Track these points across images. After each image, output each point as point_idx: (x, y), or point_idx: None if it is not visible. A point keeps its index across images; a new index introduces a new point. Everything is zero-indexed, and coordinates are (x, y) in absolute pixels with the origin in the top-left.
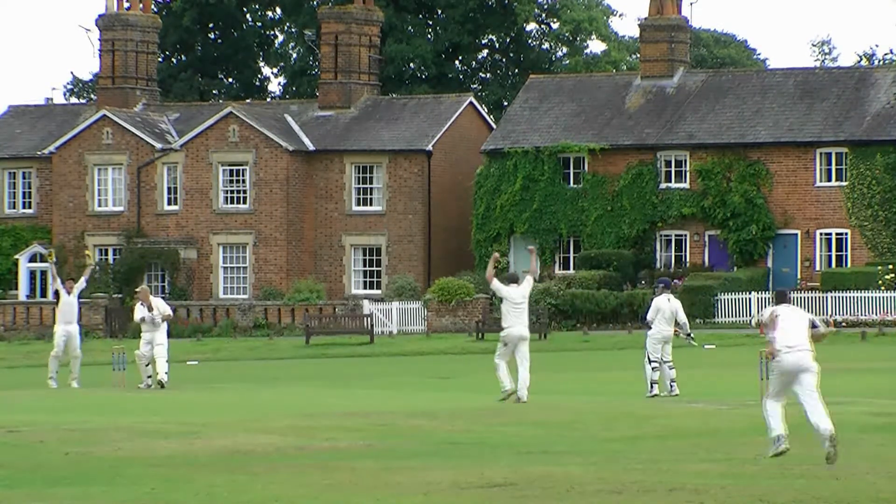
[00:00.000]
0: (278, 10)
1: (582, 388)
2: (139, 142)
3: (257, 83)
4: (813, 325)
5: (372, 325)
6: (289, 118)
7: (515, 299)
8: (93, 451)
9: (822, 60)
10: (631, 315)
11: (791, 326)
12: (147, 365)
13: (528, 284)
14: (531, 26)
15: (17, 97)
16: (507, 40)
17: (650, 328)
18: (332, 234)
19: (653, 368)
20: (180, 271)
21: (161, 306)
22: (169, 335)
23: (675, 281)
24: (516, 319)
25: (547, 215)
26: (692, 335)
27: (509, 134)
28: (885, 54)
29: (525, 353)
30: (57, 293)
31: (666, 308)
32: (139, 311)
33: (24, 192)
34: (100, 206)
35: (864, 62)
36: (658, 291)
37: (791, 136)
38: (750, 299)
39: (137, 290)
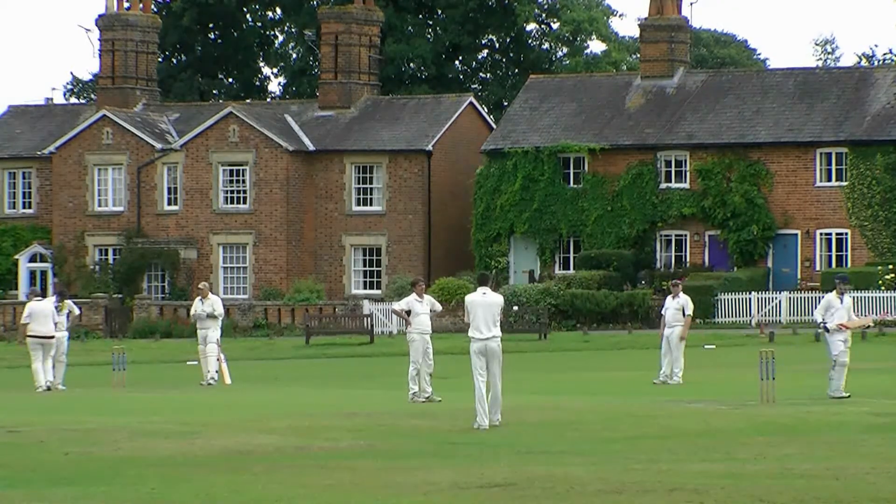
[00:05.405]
0: (278, 10)
1: (582, 388)
2: (139, 142)
3: (257, 83)
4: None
5: (372, 325)
6: (289, 118)
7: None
8: (93, 451)
9: (825, 59)
10: (631, 315)
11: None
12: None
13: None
14: (531, 26)
15: (17, 97)
16: (507, 40)
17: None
18: (332, 234)
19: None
20: (180, 271)
21: (216, 304)
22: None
23: (674, 281)
24: None
25: (547, 215)
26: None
27: (509, 134)
28: (885, 54)
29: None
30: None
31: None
32: (195, 307)
33: (24, 192)
34: (100, 206)
35: (863, 62)
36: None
37: (791, 136)
38: (750, 299)
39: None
